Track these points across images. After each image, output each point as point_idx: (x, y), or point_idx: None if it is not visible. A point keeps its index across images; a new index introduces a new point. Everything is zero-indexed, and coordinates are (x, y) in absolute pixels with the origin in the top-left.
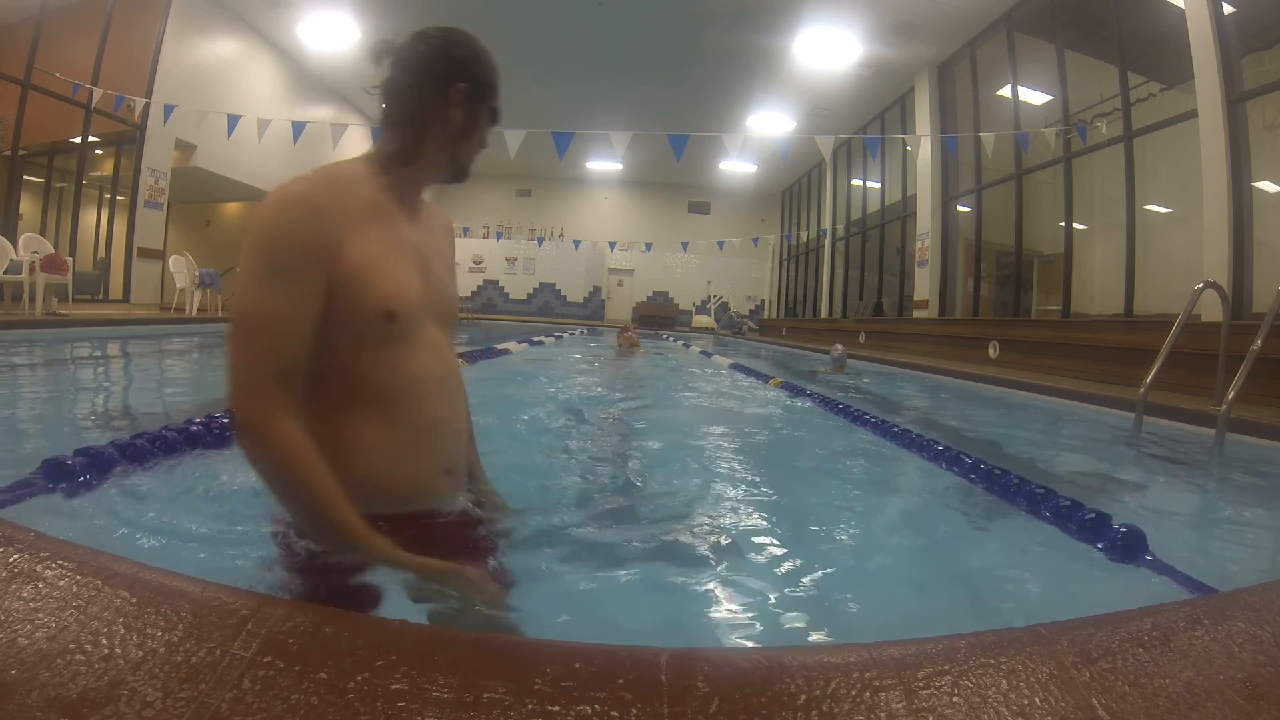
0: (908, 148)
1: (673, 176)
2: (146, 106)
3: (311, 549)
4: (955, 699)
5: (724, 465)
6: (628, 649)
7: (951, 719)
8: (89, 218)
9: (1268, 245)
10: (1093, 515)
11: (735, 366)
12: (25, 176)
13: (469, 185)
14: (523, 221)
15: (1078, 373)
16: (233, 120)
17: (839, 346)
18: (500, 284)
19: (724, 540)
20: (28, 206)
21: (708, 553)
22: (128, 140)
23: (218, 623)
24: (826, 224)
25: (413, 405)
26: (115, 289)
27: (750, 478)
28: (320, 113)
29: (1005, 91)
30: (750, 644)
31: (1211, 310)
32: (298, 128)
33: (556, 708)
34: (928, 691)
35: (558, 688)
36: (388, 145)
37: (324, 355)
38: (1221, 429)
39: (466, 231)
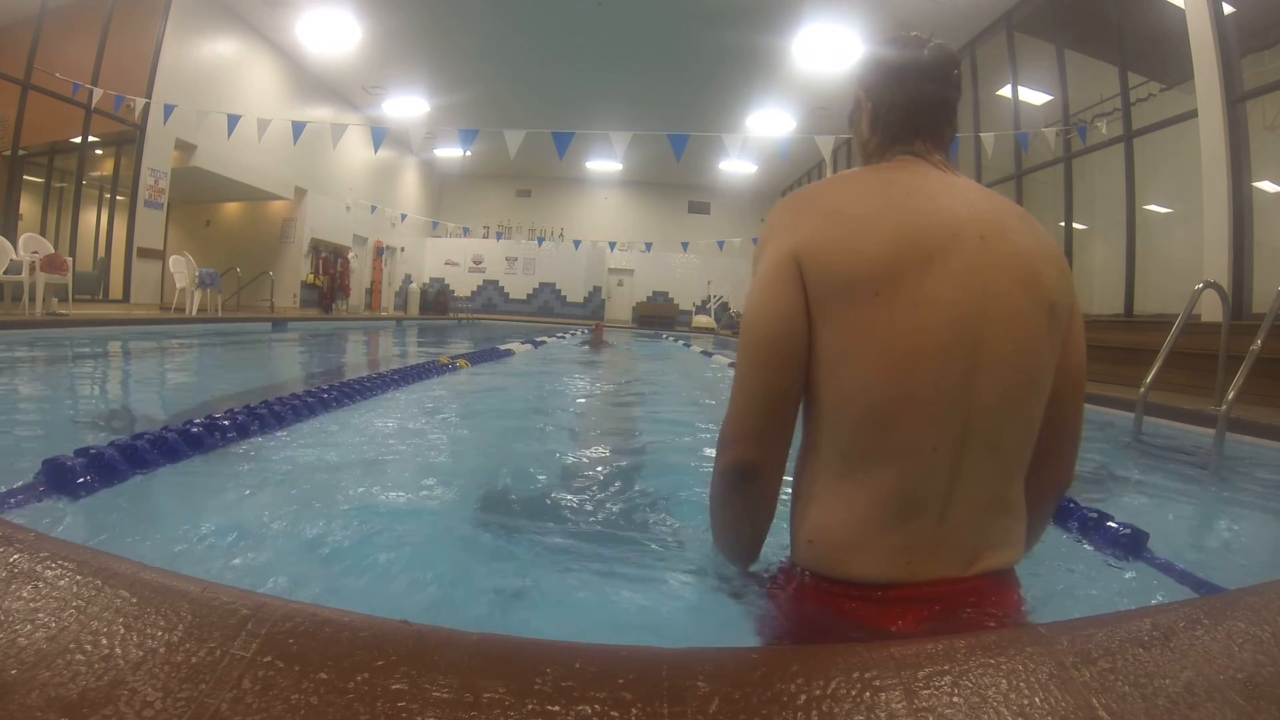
0: None
1: (673, 176)
2: (146, 106)
3: None
4: (955, 699)
5: None
6: (628, 649)
7: (951, 719)
8: (89, 218)
9: (1268, 245)
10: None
11: (735, 366)
12: (25, 176)
13: (469, 185)
14: (523, 221)
15: None
16: (233, 120)
17: None
18: (500, 284)
19: None
20: (28, 206)
21: (708, 553)
22: (128, 140)
23: (218, 623)
24: None
25: None
26: (115, 289)
27: None
28: (320, 113)
29: (1005, 91)
30: (750, 644)
31: (1211, 310)
32: (298, 128)
33: (556, 708)
34: (928, 691)
35: (558, 688)
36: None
37: None
38: (1221, 429)
39: (467, 231)
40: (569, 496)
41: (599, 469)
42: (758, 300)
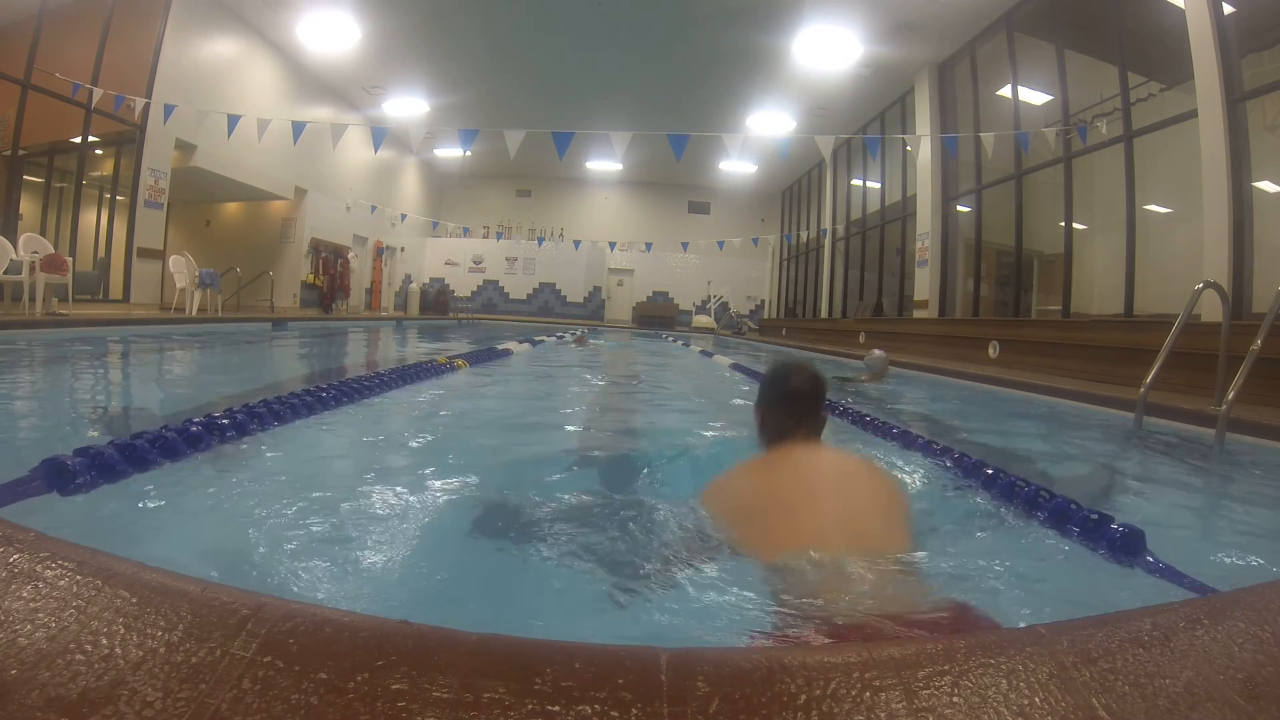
0: (908, 148)
1: (673, 176)
2: (146, 106)
3: None
4: (955, 699)
5: (724, 466)
6: (628, 649)
7: (951, 719)
8: (89, 218)
9: (1268, 245)
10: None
11: (735, 367)
12: (25, 176)
13: (469, 185)
14: (523, 221)
15: (1078, 373)
16: (233, 120)
17: (877, 352)
18: (500, 284)
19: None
20: (28, 206)
21: (708, 552)
22: (128, 140)
23: (218, 623)
24: (826, 224)
25: None
26: (115, 289)
27: None
28: (320, 113)
29: (1005, 91)
30: (750, 644)
31: (1211, 310)
32: (298, 128)
33: (556, 708)
34: (928, 691)
35: (558, 688)
36: None
37: None
38: (1221, 429)
39: (467, 231)
40: (568, 495)
41: (597, 468)
42: None
